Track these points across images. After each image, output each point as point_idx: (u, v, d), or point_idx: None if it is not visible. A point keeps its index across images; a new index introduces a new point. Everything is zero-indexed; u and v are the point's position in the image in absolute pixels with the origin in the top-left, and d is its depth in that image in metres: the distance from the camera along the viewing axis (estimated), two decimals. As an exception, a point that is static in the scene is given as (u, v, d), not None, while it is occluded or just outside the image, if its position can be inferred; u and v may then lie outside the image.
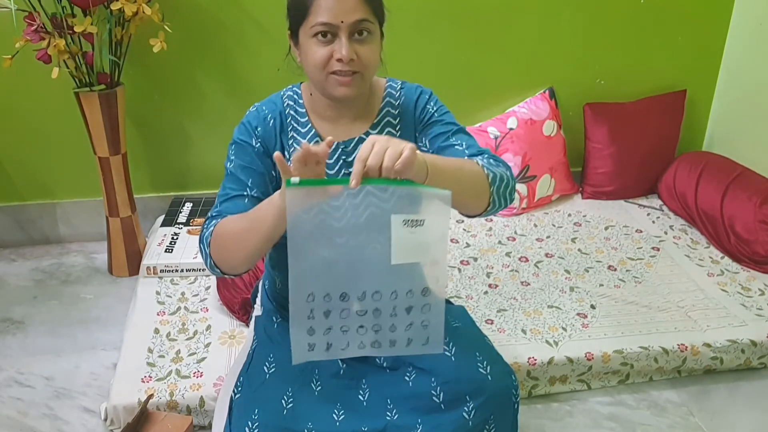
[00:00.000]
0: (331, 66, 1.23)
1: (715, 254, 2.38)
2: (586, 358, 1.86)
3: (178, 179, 2.62)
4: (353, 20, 1.20)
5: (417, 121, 1.38)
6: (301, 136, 1.36)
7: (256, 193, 1.32)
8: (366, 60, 1.24)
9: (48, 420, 1.76)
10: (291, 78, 1.45)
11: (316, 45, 1.23)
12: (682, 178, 2.61)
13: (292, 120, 1.37)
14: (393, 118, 1.38)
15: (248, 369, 1.36)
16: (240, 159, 1.35)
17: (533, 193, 2.64)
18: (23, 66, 2.08)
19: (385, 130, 1.37)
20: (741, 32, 2.72)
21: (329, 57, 1.23)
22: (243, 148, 1.35)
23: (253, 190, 1.32)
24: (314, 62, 1.24)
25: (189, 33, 2.38)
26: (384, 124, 1.38)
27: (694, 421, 1.79)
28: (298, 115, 1.37)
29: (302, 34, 1.25)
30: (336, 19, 1.20)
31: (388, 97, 1.38)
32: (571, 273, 2.24)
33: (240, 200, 1.31)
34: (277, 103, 1.38)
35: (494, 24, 2.58)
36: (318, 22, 1.20)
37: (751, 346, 1.93)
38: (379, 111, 1.37)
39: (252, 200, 1.31)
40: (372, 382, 1.37)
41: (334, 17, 1.20)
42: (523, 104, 2.68)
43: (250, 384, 1.33)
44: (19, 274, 2.41)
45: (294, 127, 1.37)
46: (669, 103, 2.77)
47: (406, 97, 1.39)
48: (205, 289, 2.14)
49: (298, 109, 1.37)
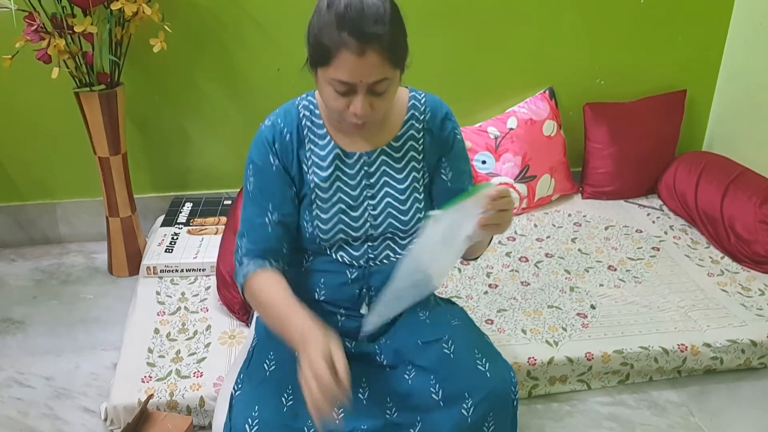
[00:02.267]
0: (347, 115, 1.23)
1: (715, 254, 2.38)
2: (586, 358, 1.86)
3: (178, 179, 2.62)
4: (372, 81, 1.19)
5: (442, 142, 1.39)
6: (319, 148, 1.35)
7: (277, 217, 1.34)
8: (380, 110, 1.25)
9: (48, 420, 1.76)
10: (291, 78, 1.45)
11: (332, 93, 1.22)
12: (682, 178, 2.61)
13: (309, 132, 1.35)
14: (417, 132, 1.38)
15: (248, 366, 1.37)
16: (259, 181, 1.34)
17: (533, 193, 2.64)
18: (23, 66, 2.08)
19: (408, 143, 1.37)
20: (741, 32, 2.72)
21: (345, 108, 1.22)
22: (261, 168, 1.33)
23: (274, 214, 1.33)
24: (329, 106, 1.24)
25: (189, 33, 2.38)
26: (407, 137, 1.37)
27: (694, 421, 1.79)
28: (316, 127, 1.35)
29: (320, 75, 1.23)
30: (355, 79, 1.18)
31: (413, 110, 1.37)
32: (571, 273, 2.24)
33: (263, 229, 1.33)
34: (293, 115, 1.35)
35: (494, 24, 2.58)
36: (337, 79, 1.19)
37: (751, 346, 1.93)
38: (404, 123, 1.37)
39: (275, 227, 1.33)
40: (372, 380, 1.37)
41: (353, 77, 1.18)
42: (523, 104, 2.68)
43: (251, 381, 1.33)
44: (19, 274, 2.41)
45: (311, 139, 1.35)
46: (669, 103, 2.77)
47: (431, 113, 1.38)
48: (205, 289, 2.14)
49: (315, 120, 1.35)
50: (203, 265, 2.20)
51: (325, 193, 1.34)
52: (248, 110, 2.51)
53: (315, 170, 1.34)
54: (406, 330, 1.42)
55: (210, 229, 2.39)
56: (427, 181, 1.41)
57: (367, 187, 1.36)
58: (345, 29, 1.15)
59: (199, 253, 2.24)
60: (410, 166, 1.38)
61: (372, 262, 1.40)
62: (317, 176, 1.34)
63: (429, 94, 1.41)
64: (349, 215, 1.35)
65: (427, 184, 1.41)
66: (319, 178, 1.34)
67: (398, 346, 1.41)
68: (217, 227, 2.39)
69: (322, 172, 1.34)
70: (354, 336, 1.42)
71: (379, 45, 1.16)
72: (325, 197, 1.34)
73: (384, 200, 1.36)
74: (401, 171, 1.37)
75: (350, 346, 1.41)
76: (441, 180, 1.41)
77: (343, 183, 1.35)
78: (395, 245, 1.40)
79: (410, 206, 1.37)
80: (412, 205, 1.37)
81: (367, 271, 1.40)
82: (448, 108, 1.41)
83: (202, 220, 2.45)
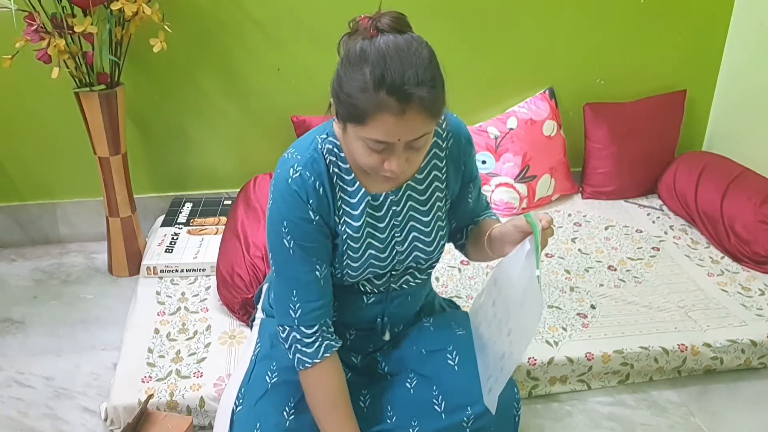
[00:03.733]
0: (380, 170, 1.14)
1: (715, 254, 2.38)
2: (586, 358, 1.86)
3: (178, 179, 2.62)
4: (412, 139, 1.10)
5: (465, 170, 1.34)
6: (349, 196, 1.25)
7: (325, 269, 1.26)
8: (417, 164, 1.18)
9: (48, 420, 1.76)
10: (291, 78, 1.44)
11: (365, 149, 1.12)
12: (682, 178, 2.61)
13: (338, 179, 1.24)
14: (440, 161, 1.30)
15: (249, 380, 1.35)
16: (300, 238, 1.22)
17: (533, 193, 2.64)
18: (23, 66, 2.08)
19: (432, 174, 1.30)
20: (741, 32, 2.72)
21: (380, 164, 1.13)
22: (300, 225, 1.22)
23: (323, 267, 1.25)
24: (362, 161, 1.15)
25: (189, 33, 2.38)
26: (431, 168, 1.30)
27: (694, 421, 1.79)
28: (343, 173, 1.24)
29: (351, 131, 1.13)
30: (393, 138, 1.09)
31: (436, 137, 1.28)
32: (571, 273, 2.24)
33: (316, 285, 1.25)
34: (320, 164, 1.22)
35: (494, 24, 2.58)
36: (374, 139, 1.09)
37: (751, 346, 1.93)
38: (427, 154, 1.27)
39: (326, 280, 1.26)
40: (373, 390, 1.37)
41: (392, 137, 1.08)
42: (523, 104, 2.68)
43: (252, 396, 1.32)
44: (19, 274, 2.41)
45: (341, 187, 1.25)
46: (669, 103, 2.77)
47: (454, 139, 1.30)
48: (205, 289, 2.14)
49: (341, 165, 1.24)
50: (203, 265, 2.20)
51: (356, 243, 1.27)
52: (248, 110, 2.51)
53: (346, 220, 1.26)
54: (410, 338, 1.41)
55: (210, 229, 2.39)
56: (448, 206, 1.36)
57: (394, 227, 1.30)
58: (383, 89, 1.05)
59: (199, 253, 2.24)
60: (434, 197, 1.32)
61: (392, 289, 1.37)
62: (349, 227, 1.26)
63: (449, 113, 1.30)
64: (378, 258, 1.30)
65: (448, 209, 1.36)
66: (352, 229, 1.26)
67: (401, 353, 1.40)
68: (217, 227, 2.39)
69: (354, 222, 1.26)
70: (361, 351, 1.41)
71: (420, 103, 1.06)
72: (356, 246, 1.27)
73: (410, 235, 1.31)
74: (425, 203, 1.31)
75: (356, 360, 1.40)
76: (466, 203, 1.38)
77: (372, 228, 1.28)
78: (417, 272, 1.37)
79: (434, 236, 1.33)
80: (436, 235, 1.33)
81: (385, 296, 1.37)
82: (468, 132, 1.34)
83: (202, 220, 2.45)
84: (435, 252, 1.34)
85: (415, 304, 1.45)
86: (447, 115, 1.28)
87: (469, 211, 1.40)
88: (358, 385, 1.37)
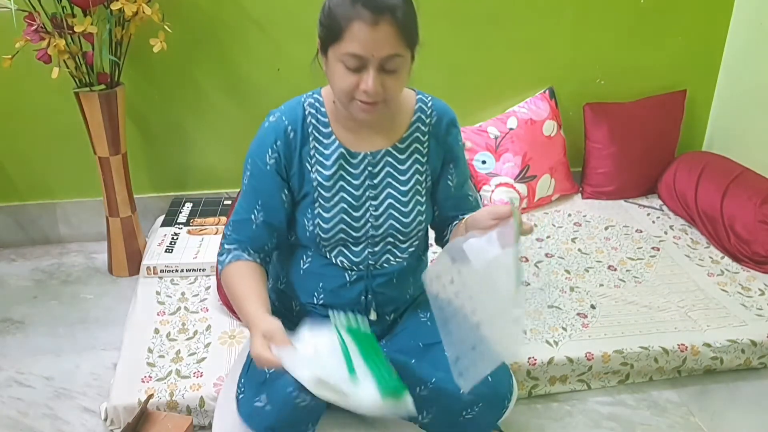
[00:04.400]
0: (357, 94, 1.23)
1: (715, 254, 2.38)
2: (586, 358, 1.86)
3: (178, 179, 2.62)
4: (384, 55, 1.20)
5: (447, 148, 1.39)
6: (323, 147, 1.34)
7: (263, 217, 1.35)
8: (391, 91, 1.24)
9: (48, 420, 1.76)
10: (291, 78, 1.45)
11: (344, 71, 1.22)
12: (682, 178, 2.61)
13: (314, 130, 1.35)
14: (422, 135, 1.38)
15: (248, 370, 1.37)
16: (253, 178, 1.36)
17: (533, 193, 2.64)
18: (23, 66, 2.08)
19: (413, 146, 1.37)
20: (741, 32, 2.72)
21: (355, 86, 1.22)
22: (257, 166, 1.35)
23: (260, 213, 1.35)
24: (340, 86, 1.24)
25: (189, 33, 2.38)
26: (412, 140, 1.37)
27: (694, 421, 1.79)
28: (321, 125, 1.35)
29: (331, 54, 1.24)
30: (367, 53, 1.19)
31: (420, 113, 1.38)
32: (571, 273, 2.24)
33: (247, 225, 1.36)
34: (298, 112, 1.35)
35: (494, 24, 2.58)
36: (349, 52, 1.19)
37: (751, 346, 1.93)
38: (410, 125, 1.37)
39: (259, 226, 1.35)
40: None
41: (365, 50, 1.19)
42: (523, 104, 2.68)
43: (251, 384, 1.33)
44: (19, 274, 2.41)
45: (316, 137, 1.34)
46: (669, 103, 2.77)
47: (437, 117, 1.38)
48: (205, 289, 2.14)
49: (320, 119, 1.35)
50: (203, 265, 2.20)
51: (328, 192, 1.34)
52: (248, 110, 2.51)
53: (318, 169, 1.34)
54: (407, 331, 1.42)
55: (210, 229, 2.39)
56: (429, 185, 1.40)
57: (369, 187, 1.36)
58: (359, 1, 1.16)
59: (199, 253, 2.24)
60: (414, 169, 1.37)
61: (372, 266, 1.39)
62: (320, 175, 1.34)
63: (436, 98, 1.40)
64: (350, 215, 1.35)
65: (429, 187, 1.41)
66: (323, 177, 1.34)
67: (399, 347, 1.41)
68: (217, 227, 2.39)
69: (326, 170, 1.33)
70: None
71: (391, 16, 1.17)
72: (327, 196, 1.34)
73: (386, 201, 1.36)
74: (404, 173, 1.37)
75: None
76: (447, 186, 1.41)
77: (346, 182, 1.35)
78: (395, 249, 1.40)
79: (412, 208, 1.37)
80: (413, 208, 1.37)
81: (367, 274, 1.39)
82: (454, 114, 1.41)
83: (202, 220, 2.45)
84: (411, 225, 1.37)
85: (402, 289, 1.46)
86: (433, 99, 1.40)
87: (450, 198, 1.42)
88: None
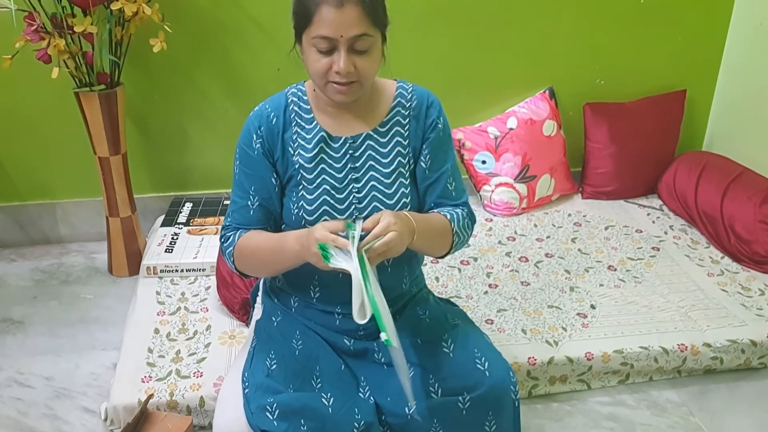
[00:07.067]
0: (330, 76, 1.28)
1: (715, 254, 2.38)
2: (586, 358, 1.86)
3: (178, 179, 2.62)
4: (352, 35, 1.24)
5: (426, 129, 1.42)
6: (305, 131, 1.39)
7: (258, 201, 1.40)
8: (364, 71, 1.29)
9: (48, 420, 1.76)
10: (291, 78, 1.46)
11: (316, 54, 1.27)
12: (682, 178, 2.61)
13: (296, 116, 1.40)
14: (403, 118, 1.41)
15: (250, 366, 1.37)
16: (244, 166, 1.41)
17: (533, 193, 2.64)
18: (23, 66, 2.08)
19: (394, 129, 1.40)
20: (741, 32, 2.72)
21: (328, 68, 1.27)
22: (246, 154, 1.40)
23: (255, 197, 1.40)
24: (314, 70, 1.29)
25: (189, 33, 2.38)
26: (393, 123, 1.41)
27: (694, 421, 1.79)
28: (303, 111, 1.40)
29: (305, 40, 1.29)
30: (336, 33, 1.23)
31: (399, 98, 1.41)
32: (571, 273, 2.24)
33: (246, 211, 1.41)
34: (281, 101, 1.42)
35: (494, 24, 2.58)
36: (318, 35, 1.25)
37: (751, 346, 1.93)
38: (390, 110, 1.40)
39: (256, 210, 1.40)
40: (371, 380, 1.37)
41: (333, 31, 1.23)
42: (523, 104, 2.68)
43: (255, 378, 1.33)
44: (19, 274, 2.41)
45: (298, 123, 1.40)
46: (669, 103, 2.77)
47: (417, 101, 1.42)
48: (205, 289, 2.14)
49: (302, 105, 1.41)
50: (203, 265, 2.20)
51: (310, 174, 1.37)
52: (248, 110, 2.46)
53: (300, 152, 1.38)
54: (405, 328, 1.42)
55: (210, 229, 2.39)
56: (412, 166, 1.43)
57: (352, 170, 1.38)
58: None
59: (199, 253, 2.24)
60: (396, 151, 1.40)
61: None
62: (302, 157, 1.38)
63: (418, 86, 1.44)
64: (333, 197, 1.37)
65: (412, 170, 1.43)
66: (304, 159, 1.37)
67: None
68: (217, 227, 2.39)
69: (307, 153, 1.38)
70: (352, 335, 1.42)
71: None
72: (310, 178, 1.37)
73: (369, 183, 1.39)
74: (387, 155, 1.40)
75: (349, 344, 1.41)
76: (420, 167, 1.43)
77: (327, 165, 1.38)
78: None
79: (396, 189, 1.39)
80: (397, 189, 1.39)
81: None
82: (435, 98, 1.44)
83: (202, 220, 2.45)
84: (396, 206, 1.39)
85: (398, 278, 1.46)
86: (415, 86, 1.44)
87: (426, 180, 1.42)
88: (356, 374, 1.38)
